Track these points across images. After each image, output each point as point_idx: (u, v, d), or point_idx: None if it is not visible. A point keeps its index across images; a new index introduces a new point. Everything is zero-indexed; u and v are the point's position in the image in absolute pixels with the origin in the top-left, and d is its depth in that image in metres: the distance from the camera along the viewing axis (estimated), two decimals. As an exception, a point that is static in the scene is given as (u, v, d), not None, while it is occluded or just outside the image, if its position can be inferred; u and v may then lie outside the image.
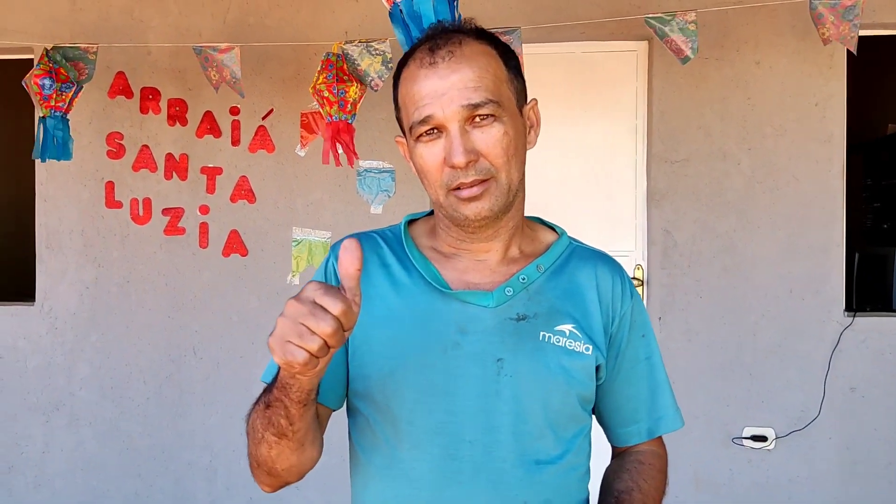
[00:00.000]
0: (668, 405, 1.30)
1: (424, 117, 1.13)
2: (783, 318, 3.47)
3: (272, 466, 1.11)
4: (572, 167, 3.63)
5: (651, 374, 1.29)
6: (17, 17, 3.72)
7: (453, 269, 1.22)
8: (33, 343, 3.75)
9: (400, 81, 1.20)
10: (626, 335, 1.26)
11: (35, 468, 3.77)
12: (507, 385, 1.15)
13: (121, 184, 3.70)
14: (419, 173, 1.19)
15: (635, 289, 1.31)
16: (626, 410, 1.29)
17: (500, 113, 1.14)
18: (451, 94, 1.12)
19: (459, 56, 1.14)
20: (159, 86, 3.67)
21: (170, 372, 3.70)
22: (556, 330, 1.19)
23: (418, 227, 1.31)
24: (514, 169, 1.17)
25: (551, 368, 1.17)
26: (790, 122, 3.46)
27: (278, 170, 3.65)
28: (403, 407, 1.16)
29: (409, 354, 1.16)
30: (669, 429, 1.30)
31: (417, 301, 1.19)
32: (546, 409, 1.16)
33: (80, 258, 3.73)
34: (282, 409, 1.03)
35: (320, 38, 3.51)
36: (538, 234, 1.31)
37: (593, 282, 1.25)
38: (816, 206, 3.46)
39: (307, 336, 0.87)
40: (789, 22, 3.42)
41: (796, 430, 3.45)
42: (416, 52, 1.18)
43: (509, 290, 1.19)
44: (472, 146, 1.13)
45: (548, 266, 1.24)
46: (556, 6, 3.48)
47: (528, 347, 1.17)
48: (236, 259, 3.67)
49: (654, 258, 3.53)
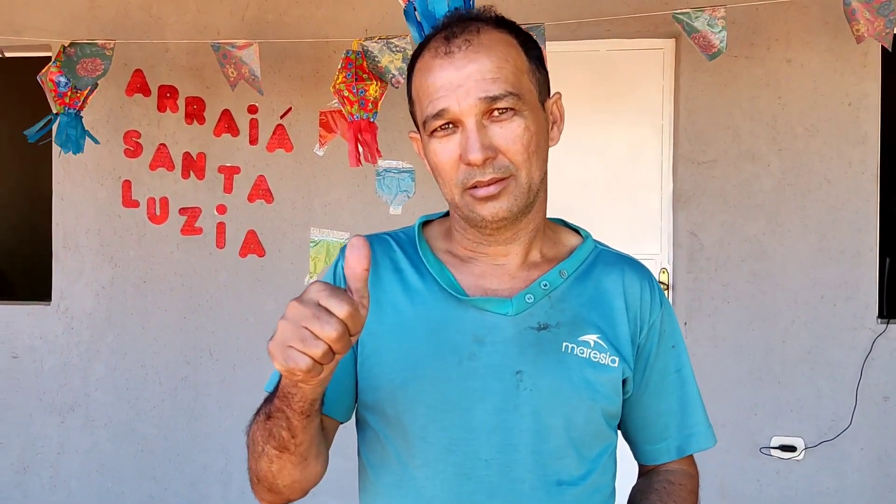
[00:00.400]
0: (700, 421, 1.22)
1: (439, 111, 1.05)
2: (814, 325, 3.36)
3: (273, 482, 1.04)
4: (596, 168, 3.54)
5: (682, 388, 1.21)
6: (36, 15, 3.70)
7: (470, 274, 1.14)
8: (49, 343, 3.73)
9: (413, 73, 1.12)
10: (655, 346, 1.18)
11: (50, 469, 3.74)
12: (527, 400, 1.07)
13: (138, 183, 3.66)
14: (433, 171, 1.12)
15: (665, 296, 1.22)
16: (655, 427, 1.21)
17: (520, 106, 1.05)
18: (467, 86, 1.03)
19: (477, 45, 1.05)
20: (177, 83, 3.63)
21: (185, 374, 3.65)
22: (580, 340, 1.11)
23: (433, 228, 1.23)
24: (535, 167, 1.09)
25: (574, 382, 1.09)
26: (822, 122, 3.35)
27: (296, 169, 3.59)
28: (415, 422, 1.08)
29: (422, 366, 1.08)
30: (701, 447, 1.21)
31: (431, 308, 1.11)
32: (569, 426, 1.08)
33: (96, 258, 3.69)
34: (283, 421, 0.96)
35: (340, 35, 3.45)
36: (561, 237, 1.22)
37: (620, 289, 1.16)
38: (849, 210, 3.34)
39: (310, 341, 0.80)
40: (822, 18, 3.31)
41: (827, 441, 3.34)
42: (431, 42, 1.10)
43: (530, 297, 1.11)
44: (490, 142, 1.04)
45: (571, 271, 1.16)
46: (581, 3, 3.40)
47: (550, 359, 1.09)
48: (253, 260, 3.62)
49: (679, 262, 3.44)
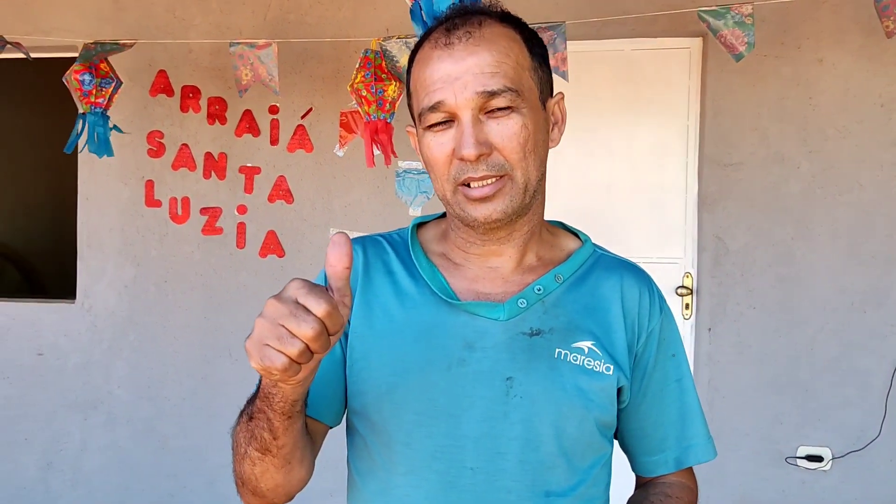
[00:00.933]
0: (700, 433, 1.17)
1: (435, 103, 1.02)
2: (843, 332, 3.27)
3: (256, 485, 1.01)
4: (620, 170, 3.48)
5: (681, 398, 1.16)
6: (62, 16, 3.73)
7: (463, 278, 1.11)
8: (73, 341, 3.76)
9: (413, 64, 1.09)
10: (653, 354, 1.13)
11: (72, 465, 3.77)
12: (517, 407, 1.04)
13: (160, 182, 3.68)
14: (427, 166, 1.08)
15: (666, 303, 1.18)
16: (653, 438, 1.16)
17: (518, 104, 1.02)
18: (465, 80, 1.01)
19: (478, 38, 1.02)
20: (199, 84, 3.64)
21: (205, 373, 3.66)
22: (573, 347, 1.07)
23: (428, 231, 1.20)
24: (532, 167, 1.05)
25: (567, 390, 1.05)
26: (854, 123, 3.26)
27: (316, 170, 3.58)
28: (401, 429, 1.05)
29: (410, 371, 1.05)
30: (700, 459, 1.17)
31: (422, 312, 1.08)
32: (560, 435, 1.04)
33: (119, 257, 3.72)
34: (265, 422, 0.94)
35: (361, 34, 3.43)
36: (559, 241, 1.18)
37: (618, 294, 1.13)
38: (881, 214, 3.24)
39: (287, 339, 0.77)
40: (854, 17, 3.22)
41: (854, 451, 3.25)
42: (432, 33, 1.07)
43: (522, 302, 1.08)
44: (486, 138, 1.01)
45: (567, 276, 1.12)
46: (606, 1, 3.34)
47: (542, 366, 1.05)
48: (273, 260, 3.62)
49: (704, 266, 3.36)
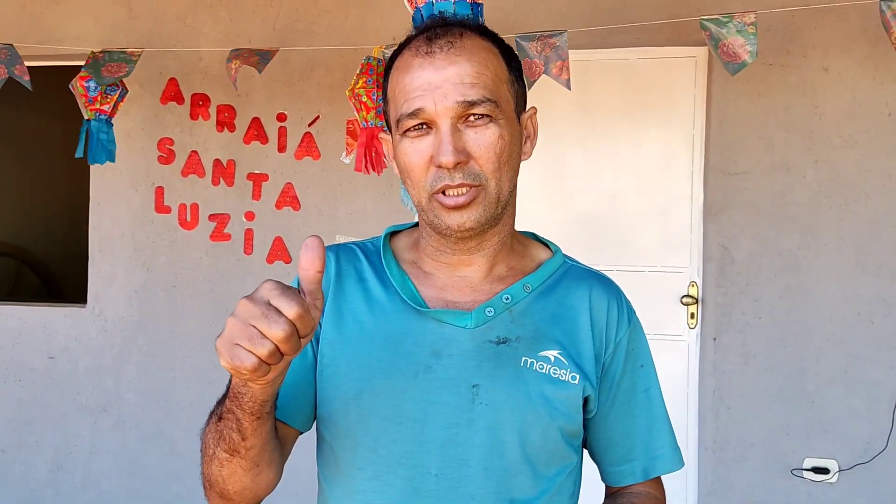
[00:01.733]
0: (667, 444, 1.17)
1: (414, 110, 1.03)
2: (849, 343, 3.24)
3: (224, 488, 1.02)
4: (625, 178, 3.48)
5: (649, 409, 1.17)
6: (76, 24, 3.80)
7: (432, 286, 1.12)
8: (84, 345, 3.81)
9: (391, 71, 1.10)
10: (621, 365, 1.14)
11: (83, 468, 3.82)
12: (482, 414, 1.05)
13: (170, 189, 3.73)
14: (401, 173, 1.09)
15: (635, 314, 1.18)
16: (621, 448, 1.16)
17: (496, 114, 1.04)
18: (445, 88, 1.02)
19: (459, 48, 1.04)
20: (209, 92, 3.69)
21: (212, 378, 3.69)
22: (539, 356, 1.08)
23: (401, 239, 1.21)
24: (506, 178, 1.06)
25: (531, 398, 1.06)
26: (860, 133, 3.23)
27: (323, 177, 3.61)
28: (367, 434, 1.06)
29: (377, 377, 1.07)
30: (667, 469, 1.17)
31: (391, 320, 1.10)
32: (524, 442, 1.05)
33: (129, 262, 3.77)
34: (234, 422, 0.95)
35: (368, 43, 3.45)
36: (529, 251, 1.19)
37: (586, 304, 1.13)
38: (888, 224, 3.22)
39: (257, 340, 0.79)
40: (860, 25, 3.20)
41: (861, 463, 3.21)
42: (411, 42, 1.08)
43: (490, 311, 1.09)
44: (463, 146, 1.03)
45: (536, 286, 1.13)
46: (611, 9, 3.35)
47: (508, 374, 1.06)
48: (280, 266, 3.65)
49: (709, 275, 3.35)
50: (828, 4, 3.08)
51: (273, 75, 3.64)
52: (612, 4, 3.37)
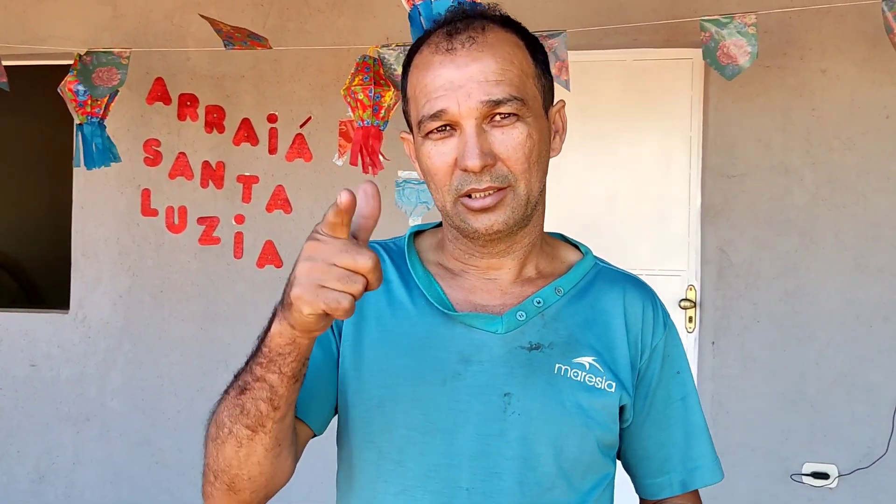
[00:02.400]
0: (706, 454, 1.12)
1: (436, 111, 0.97)
2: (849, 347, 3.21)
3: (236, 473, 0.92)
4: (623, 181, 3.44)
5: (686, 418, 1.11)
6: (61, 24, 3.71)
7: (460, 289, 1.06)
8: (67, 352, 3.71)
9: (410, 69, 1.04)
10: (657, 371, 1.08)
11: (66, 479, 3.72)
12: (515, 425, 0.99)
13: (157, 191, 3.64)
14: (425, 176, 1.04)
15: (670, 317, 1.13)
16: (657, 459, 1.11)
17: (524, 112, 0.98)
18: (468, 87, 0.96)
19: (482, 43, 0.98)
20: (197, 92, 3.61)
21: (201, 385, 3.61)
22: (574, 363, 1.02)
23: (425, 239, 1.15)
24: (535, 178, 1.01)
25: (567, 407, 1.00)
26: (859, 135, 3.21)
27: (315, 179, 3.54)
28: (392, 445, 1.00)
29: (402, 384, 1.00)
30: (707, 482, 1.12)
31: (416, 324, 1.03)
32: (559, 454, 0.99)
33: (114, 266, 3.68)
34: (265, 391, 0.87)
35: (361, 43, 3.39)
36: (559, 253, 1.13)
37: (620, 308, 1.08)
38: (887, 226, 3.19)
39: (347, 277, 0.74)
40: (859, 27, 3.18)
41: (861, 468, 3.18)
42: (431, 37, 1.02)
43: (521, 315, 1.03)
44: (490, 148, 0.97)
45: (568, 289, 1.07)
46: (608, 11, 3.31)
47: (541, 381, 1.00)
48: (271, 270, 3.57)
49: (708, 279, 3.31)
50: (826, 5, 3.05)
51: (263, 75, 3.57)
52: (610, 5, 3.33)
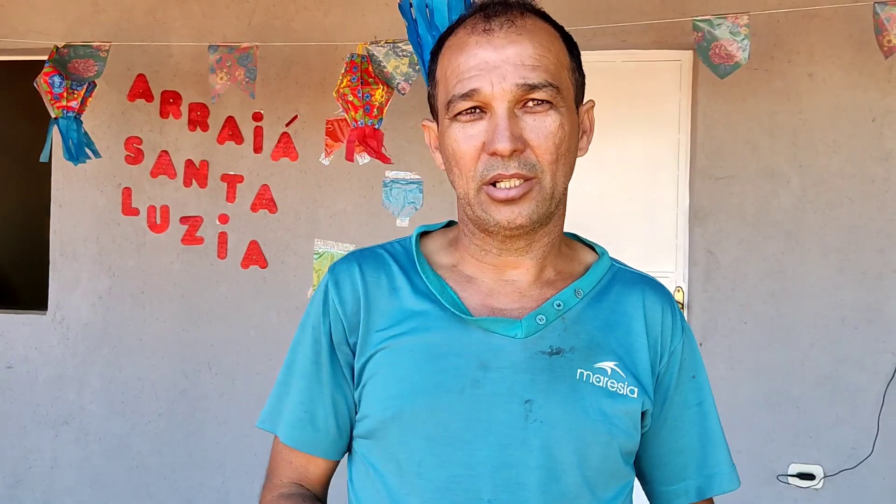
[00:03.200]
0: (723, 461, 1.10)
1: (469, 91, 0.94)
2: (834, 348, 3.23)
3: None
4: (611, 183, 3.43)
5: (703, 424, 1.09)
6: (40, 18, 3.63)
7: (476, 292, 1.03)
8: (44, 354, 3.63)
9: (443, 50, 1.01)
10: (675, 376, 1.06)
11: (43, 483, 3.64)
12: (536, 433, 0.96)
13: (138, 190, 3.57)
14: (448, 161, 1.00)
15: (686, 322, 1.11)
16: (673, 466, 1.09)
17: (558, 101, 0.95)
18: (504, 69, 0.94)
19: (520, 27, 0.96)
20: (180, 89, 3.54)
21: (183, 387, 3.55)
22: (596, 368, 1.00)
23: (433, 240, 1.10)
24: (562, 172, 0.98)
25: (590, 414, 0.97)
26: (845, 138, 3.23)
27: (301, 179, 3.50)
28: (411, 457, 0.97)
29: (419, 394, 0.97)
30: (724, 489, 1.09)
31: (431, 330, 1.00)
32: (583, 463, 0.97)
33: (94, 267, 3.60)
34: None
35: (348, 41, 3.35)
36: (576, 254, 1.11)
37: (640, 311, 1.05)
38: (872, 229, 3.22)
39: None
40: (845, 31, 3.20)
41: (847, 469, 3.20)
42: (467, 20, 1.00)
43: (541, 319, 1.00)
44: (521, 133, 0.94)
45: (587, 291, 1.05)
46: (597, 12, 3.30)
47: (563, 388, 0.97)
48: (255, 271, 3.52)
49: (695, 280, 3.32)
50: (814, 7, 3.07)
51: (248, 73, 3.51)
52: (598, 7, 3.32)
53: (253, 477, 3.48)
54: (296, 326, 1.09)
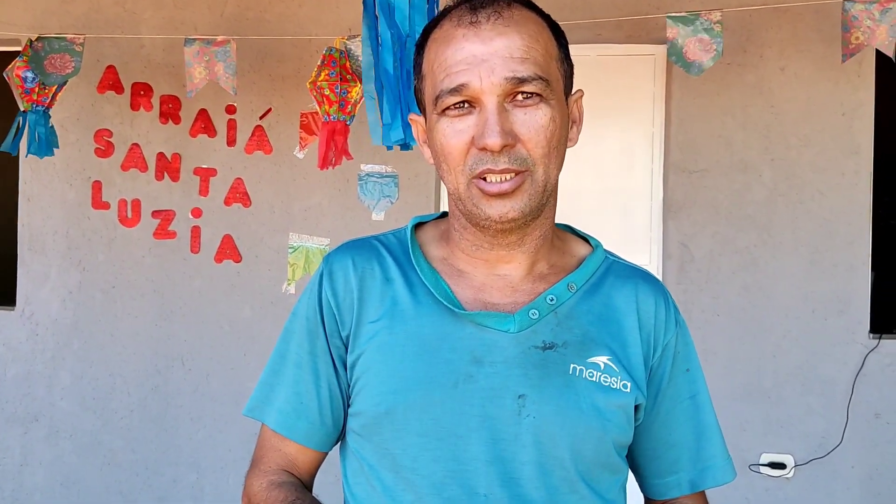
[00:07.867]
0: (717, 453, 1.10)
1: (457, 85, 0.93)
2: (805, 340, 3.28)
3: None
4: (585, 176, 3.44)
5: (696, 416, 1.10)
6: (5, 8, 3.55)
7: (468, 286, 1.03)
8: (12, 350, 3.57)
9: (428, 43, 1.00)
10: (668, 369, 1.07)
11: (13, 482, 3.58)
12: (529, 428, 0.96)
13: (108, 184, 3.52)
14: (437, 157, 0.99)
15: (680, 314, 1.12)
16: (666, 458, 1.09)
17: (547, 94, 0.95)
18: (492, 63, 0.93)
19: (507, 18, 0.95)
20: (151, 81, 3.49)
21: (156, 383, 3.51)
22: (588, 362, 1.00)
23: (427, 232, 1.09)
24: (553, 165, 0.97)
25: (583, 409, 0.98)
26: (816, 132, 3.28)
27: (275, 172, 3.47)
28: (405, 452, 0.97)
29: (412, 389, 0.97)
30: (718, 481, 1.10)
31: (423, 324, 1.00)
32: (576, 457, 0.97)
33: (63, 261, 3.54)
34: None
35: (323, 33, 3.33)
36: (569, 246, 1.10)
37: (633, 305, 1.05)
38: (842, 222, 3.27)
39: None
40: (816, 26, 3.24)
41: (817, 458, 3.26)
42: (452, 11, 0.98)
43: (534, 313, 1.00)
44: (511, 128, 0.93)
45: (581, 285, 1.05)
46: (572, 5, 3.31)
47: (556, 383, 0.98)
48: (229, 265, 3.48)
49: (669, 273, 3.35)
50: (786, 4, 3.10)
51: (221, 65, 3.47)
52: (573, 0, 3.32)
53: (228, 473, 3.45)
54: (270, 321, 1.09)
